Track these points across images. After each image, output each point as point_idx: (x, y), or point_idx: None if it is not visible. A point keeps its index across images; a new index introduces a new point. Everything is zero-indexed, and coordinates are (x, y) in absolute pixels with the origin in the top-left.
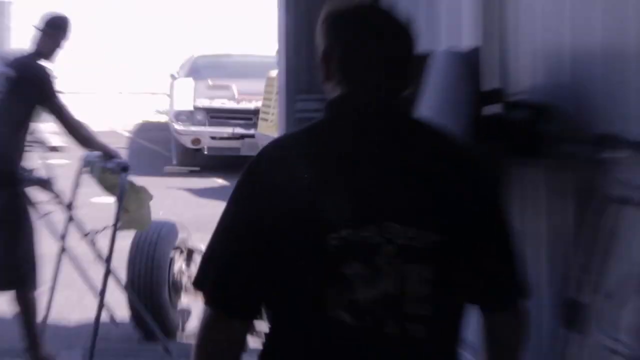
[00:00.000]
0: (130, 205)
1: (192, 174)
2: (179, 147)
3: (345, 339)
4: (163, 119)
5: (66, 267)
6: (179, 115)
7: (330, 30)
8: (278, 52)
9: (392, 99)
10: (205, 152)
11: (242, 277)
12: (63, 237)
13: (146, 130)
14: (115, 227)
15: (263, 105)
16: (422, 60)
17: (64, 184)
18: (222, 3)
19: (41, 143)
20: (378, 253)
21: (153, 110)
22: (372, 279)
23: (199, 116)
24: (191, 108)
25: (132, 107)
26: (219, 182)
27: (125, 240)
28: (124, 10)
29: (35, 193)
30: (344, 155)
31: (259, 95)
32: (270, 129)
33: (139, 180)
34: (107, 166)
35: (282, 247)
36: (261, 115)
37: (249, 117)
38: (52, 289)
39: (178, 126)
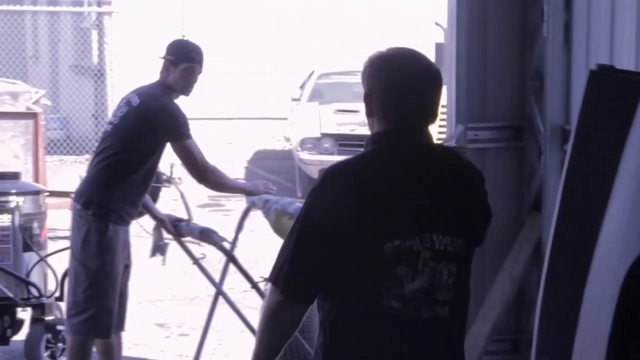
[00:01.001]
0: None
1: None
2: (304, 177)
3: (395, 322)
4: (281, 146)
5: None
6: (304, 143)
7: (372, 74)
8: (446, 78)
9: (425, 132)
10: None
11: (310, 274)
12: (221, 282)
13: (264, 159)
14: None
15: None
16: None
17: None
18: (337, 17)
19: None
20: (419, 258)
21: (271, 136)
22: (414, 277)
23: (327, 144)
24: (318, 135)
25: (247, 134)
26: None
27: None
28: (235, 29)
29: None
30: (393, 180)
31: None
32: None
33: (257, 213)
34: (288, 211)
35: (348, 253)
36: None
37: None
38: (205, 331)
39: (303, 155)
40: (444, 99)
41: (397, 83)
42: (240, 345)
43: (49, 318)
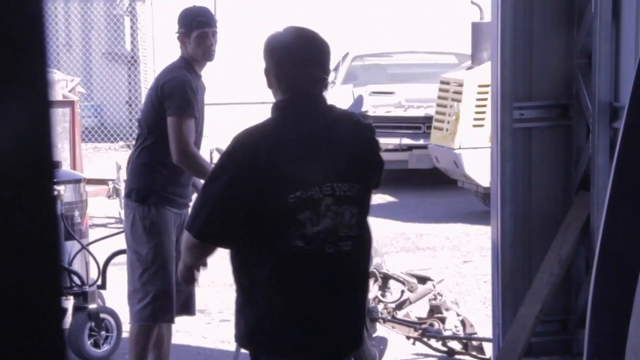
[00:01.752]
0: None
1: None
2: None
3: (300, 258)
4: None
5: None
6: None
7: (267, 52)
8: (491, 57)
9: (317, 97)
10: None
11: (223, 224)
12: None
13: None
14: None
15: (437, 112)
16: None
17: None
18: None
19: None
20: (320, 204)
21: None
22: (317, 220)
23: None
24: None
25: None
26: (386, 198)
27: None
28: (268, 13)
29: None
30: (293, 140)
31: (429, 101)
32: (446, 139)
33: None
34: None
35: (257, 205)
36: (435, 124)
37: (418, 126)
38: None
39: None
40: (487, 78)
41: (286, 58)
42: None
43: (91, 306)
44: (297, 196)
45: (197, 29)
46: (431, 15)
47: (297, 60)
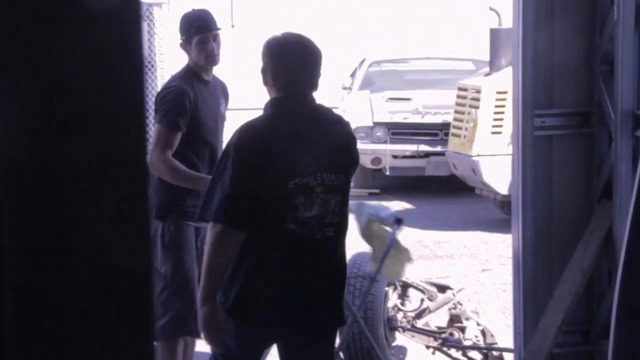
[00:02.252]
0: (387, 260)
1: (371, 196)
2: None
3: (294, 239)
4: None
5: None
6: (357, 132)
7: (266, 53)
8: (511, 64)
9: (308, 96)
10: (387, 173)
11: (241, 207)
12: None
13: None
14: (373, 280)
15: (455, 119)
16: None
17: None
18: (388, 3)
19: None
20: (314, 191)
21: None
22: (310, 206)
23: (379, 132)
24: (370, 124)
25: None
26: (403, 205)
27: None
28: (285, 18)
29: None
30: (291, 134)
31: (446, 108)
32: (464, 146)
33: None
34: (380, 215)
35: (263, 189)
36: (452, 130)
37: (435, 132)
38: None
39: None
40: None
41: (284, 60)
42: None
43: None
44: (296, 182)
45: (197, 35)
46: (448, 21)
47: (293, 63)
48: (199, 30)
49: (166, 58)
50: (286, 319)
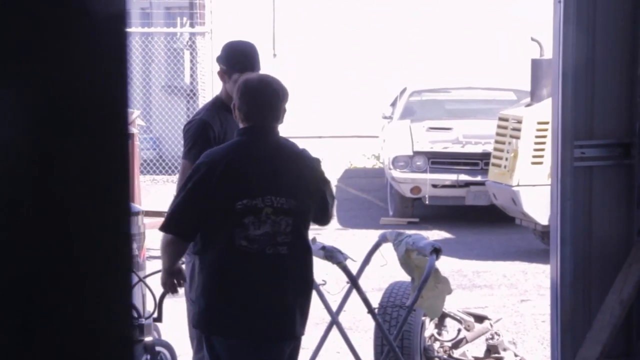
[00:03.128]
0: (426, 292)
1: (410, 225)
2: (396, 196)
3: (244, 255)
4: (371, 164)
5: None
6: (397, 161)
7: (237, 91)
8: (552, 94)
9: (272, 129)
10: (426, 202)
11: (189, 221)
12: (340, 309)
13: (354, 177)
14: (410, 309)
15: (495, 149)
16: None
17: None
18: (430, 33)
19: None
20: (262, 212)
21: (360, 154)
22: (258, 225)
23: (419, 162)
24: (410, 153)
25: (336, 152)
26: (442, 234)
27: (373, 302)
28: (326, 47)
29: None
30: (244, 159)
31: (487, 137)
32: (504, 176)
33: (353, 233)
34: (418, 245)
35: (213, 208)
36: (492, 160)
37: (475, 162)
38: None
39: (395, 173)
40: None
41: (245, 97)
42: None
43: (147, 339)
44: (244, 203)
45: (240, 72)
46: (490, 52)
47: (254, 100)
48: (242, 69)
49: (208, 87)
50: (237, 329)
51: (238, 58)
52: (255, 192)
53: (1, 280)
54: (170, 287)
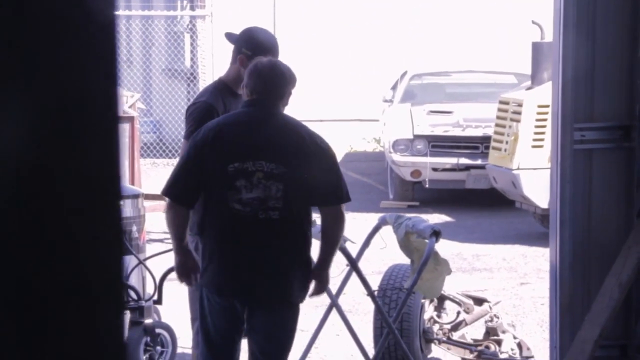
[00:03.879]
0: (425, 274)
1: (410, 209)
2: (397, 179)
3: (238, 218)
4: (371, 147)
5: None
6: (397, 145)
7: (247, 72)
8: (552, 77)
9: (273, 105)
10: (427, 186)
11: (185, 185)
12: (339, 291)
13: (355, 161)
14: (410, 291)
15: (495, 132)
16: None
17: None
18: (430, 16)
19: None
20: (253, 176)
21: (361, 138)
22: (250, 188)
23: (419, 145)
24: (411, 136)
25: (337, 135)
26: (442, 218)
27: (373, 284)
28: (326, 31)
29: None
30: (240, 127)
31: (487, 121)
32: (504, 159)
33: (353, 216)
34: (418, 228)
35: (208, 172)
36: (493, 144)
37: (476, 145)
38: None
39: (396, 157)
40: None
41: (255, 75)
42: (336, 349)
43: (147, 321)
44: (236, 167)
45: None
46: (491, 35)
47: (261, 77)
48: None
49: (208, 70)
50: (232, 289)
51: (267, 48)
52: (246, 156)
53: None
54: (186, 278)
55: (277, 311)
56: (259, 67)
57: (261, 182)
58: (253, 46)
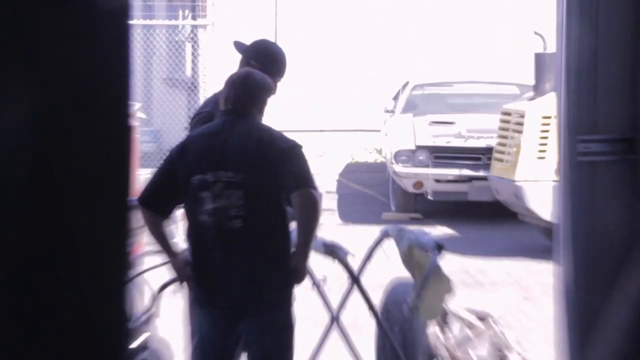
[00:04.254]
0: (426, 291)
1: (413, 221)
2: (398, 191)
3: (206, 230)
4: (373, 158)
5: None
6: (399, 156)
7: (225, 83)
8: (555, 89)
9: (246, 113)
10: (429, 197)
11: (153, 190)
12: (340, 307)
13: (356, 172)
14: (412, 308)
15: (498, 144)
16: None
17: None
18: (432, 27)
19: None
20: (214, 186)
21: (362, 148)
22: (213, 199)
23: (421, 156)
24: (413, 147)
25: (338, 146)
26: (444, 231)
27: (374, 297)
28: (328, 41)
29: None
30: (209, 137)
31: (489, 132)
32: (507, 171)
33: (354, 228)
34: (421, 241)
35: (178, 182)
36: (495, 155)
37: (478, 157)
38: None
39: (398, 168)
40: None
41: (230, 85)
42: None
43: (144, 334)
44: (198, 179)
45: (278, 78)
46: (493, 45)
47: (235, 86)
48: (279, 75)
49: (209, 80)
50: (213, 301)
51: (279, 64)
52: (206, 167)
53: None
54: (186, 278)
55: (264, 315)
56: (234, 77)
57: (223, 192)
58: (262, 59)
